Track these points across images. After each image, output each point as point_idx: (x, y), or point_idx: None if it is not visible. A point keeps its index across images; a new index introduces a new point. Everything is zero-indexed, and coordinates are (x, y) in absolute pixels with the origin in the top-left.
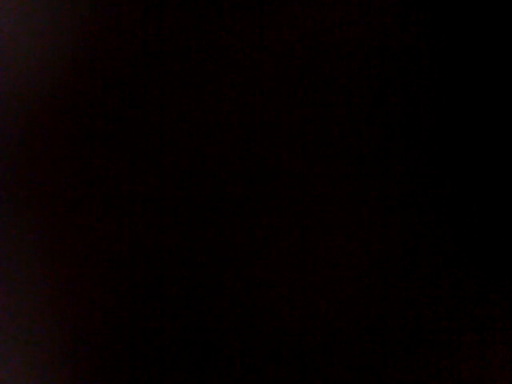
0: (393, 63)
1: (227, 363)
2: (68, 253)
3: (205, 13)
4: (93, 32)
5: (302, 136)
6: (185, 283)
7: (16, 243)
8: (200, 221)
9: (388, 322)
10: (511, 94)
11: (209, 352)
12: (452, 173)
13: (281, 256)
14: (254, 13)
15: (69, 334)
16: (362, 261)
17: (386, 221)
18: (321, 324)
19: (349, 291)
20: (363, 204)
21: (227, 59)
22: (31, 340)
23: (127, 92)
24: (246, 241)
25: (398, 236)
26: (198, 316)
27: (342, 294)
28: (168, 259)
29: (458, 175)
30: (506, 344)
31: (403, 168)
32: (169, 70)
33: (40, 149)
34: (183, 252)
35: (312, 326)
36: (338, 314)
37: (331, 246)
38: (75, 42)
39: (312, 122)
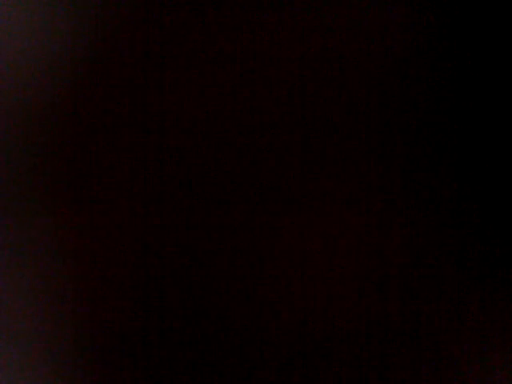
0: (393, 64)
1: (227, 363)
2: (68, 253)
3: (205, 14)
4: (94, 33)
5: (303, 136)
6: (185, 283)
7: (16, 243)
8: (201, 220)
9: (388, 322)
10: (511, 95)
11: (209, 352)
12: (452, 173)
13: (281, 256)
14: (255, 15)
15: (69, 334)
16: (362, 261)
17: (386, 221)
18: (321, 324)
19: (349, 291)
20: (363, 204)
21: (228, 61)
22: (31, 340)
23: (128, 92)
24: (246, 240)
25: (397, 236)
26: (199, 315)
27: (342, 295)
28: (168, 259)
29: (457, 175)
30: (506, 344)
31: (403, 168)
32: (169, 70)
33: (41, 149)
34: (184, 251)
35: (312, 326)
36: (338, 314)
37: (331, 246)
38: (76, 44)
39: (312, 122)
